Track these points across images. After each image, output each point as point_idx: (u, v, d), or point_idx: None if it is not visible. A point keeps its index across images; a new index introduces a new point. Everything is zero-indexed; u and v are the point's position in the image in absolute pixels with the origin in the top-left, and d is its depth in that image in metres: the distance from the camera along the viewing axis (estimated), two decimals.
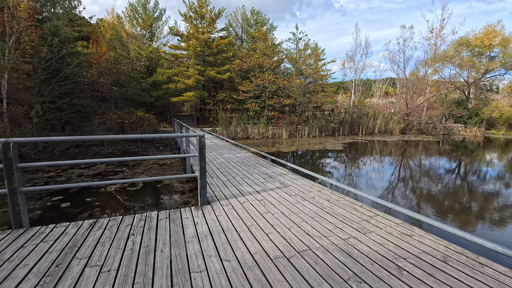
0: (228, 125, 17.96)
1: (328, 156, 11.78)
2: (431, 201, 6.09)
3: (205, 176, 3.57)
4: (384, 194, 6.41)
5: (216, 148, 9.53)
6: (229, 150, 9.16)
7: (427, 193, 6.69)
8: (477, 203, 6.07)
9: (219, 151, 8.90)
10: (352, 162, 10.68)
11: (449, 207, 5.69)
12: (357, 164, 10.28)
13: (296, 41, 27.48)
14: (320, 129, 21.12)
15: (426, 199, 6.24)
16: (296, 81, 19.35)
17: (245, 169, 5.95)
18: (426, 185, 7.48)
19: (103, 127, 17.96)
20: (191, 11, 23.90)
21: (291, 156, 11.49)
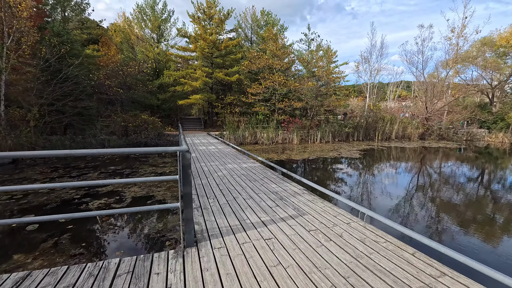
0: (235, 129, 17.00)
1: (346, 165, 10.54)
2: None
3: (190, 205, 2.54)
4: (437, 230, 4.73)
5: (220, 156, 8.52)
6: (234, 158, 8.15)
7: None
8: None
9: (223, 159, 7.89)
10: (377, 175, 9.17)
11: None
12: (384, 179, 8.73)
13: (308, 42, 26.36)
14: (333, 134, 19.87)
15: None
16: (308, 83, 18.22)
17: (250, 185, 4.90)
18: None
19: (107, 130, 17.34)
20: (200, 11, 23.24)
21: (304, 165, 10.36)
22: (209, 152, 9.38)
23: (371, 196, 6.64)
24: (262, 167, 6.75)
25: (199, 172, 6.00)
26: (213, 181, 5.22)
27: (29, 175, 8.30)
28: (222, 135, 17.99)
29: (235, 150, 10.05)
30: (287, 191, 4.52)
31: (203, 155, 8.77)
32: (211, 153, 9.26)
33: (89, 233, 4.30)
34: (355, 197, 6.40)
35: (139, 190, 6.35)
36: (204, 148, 10.67)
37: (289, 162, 10.76)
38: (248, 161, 7.66)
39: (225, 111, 23.31)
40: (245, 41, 27.74)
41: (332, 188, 7.06)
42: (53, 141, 13.28)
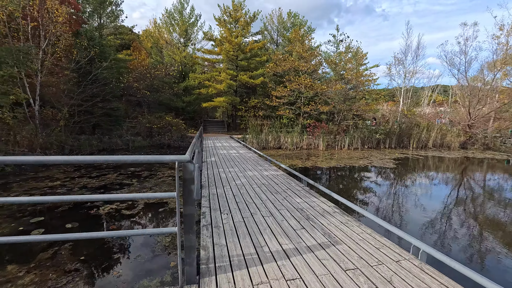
0: (258, 132, 16.46)
1: (380, 177, 9.43)
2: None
3: (192, 230, 1.97)
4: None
5: (241, 162, 7.97)
6: (255, 164, 7.55)
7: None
8: None
9: (243, 165, 7.33)
10: (422, 192, 7.66)
11: None
12: (434, 197, 7.09)
13: (337, 43, 25.24)
14: (362, 141, 18.57)
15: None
16: (336, 86, 17.19)
17: (271, 198, 4.25)
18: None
19: (133, 131, 17.68)
20: (226, 14, 23.22)
21: (331, 175, 9.46)
22: (230, 157, 8.88)
23: (422, 221, 5.21)
24: (285, 176, 6.07)
25: (216, 180, 5.48)
26: (229, 191, 4.65)
27: (52, 174, 8.38)
28: (245, 138, 17.52)
29: (257, 156, 9.46)
30: (315, 208, 3.81)
31: (223, 159, 8.28)
32: (231, 158, 8.75)
33: (90, 245, 3.91)
34: (399, 221, 5.26)
35: None
36: (224, 152, 10.21)
37: (314, 170, 9.92)
38: (270, 168, 7.01)
39: (249, 114, 22.90)
40: (271, 43, 27.27)
41: (369, 207, 6.07)
42: (81, 141, 13.67)
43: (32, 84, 12.56)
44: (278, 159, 12.20)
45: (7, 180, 7.60)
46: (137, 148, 15.66)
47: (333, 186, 7.56)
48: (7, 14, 11.87)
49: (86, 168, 9.54)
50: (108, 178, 7.95)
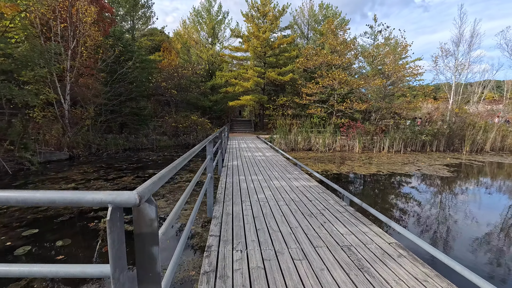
0: (287, 133, 15.27)
1: (438, 190, 7.76)
2: None
3: None
4: None
5: (266, 167, 6.93)
6: (283, 171, 6.45)
7: None
8: None
9: (268, 172, 6.27)
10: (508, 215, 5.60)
11: None
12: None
13: (374, 35, 23.04)
14: (404, 142, 16.46)
15: None
16: (375, 81, 15.36)
17: (304, 225, 3.14)
18: None
19: (159, 130, 17.54)
20: (253, 9, 22.32)
21: (374, 185, 8.00)
22: (254, 161, 7.88)
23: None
24: (320, 188, 4.90)
25: (234, 191, 4.49)
26: (249, 210, 3.62)
27: (71, 175, 8.08)
28: (272, 139, 16.45)
29: (285, 159, 8.34)
30: (368, 246, 2.62)
31: (246, 164, 7.31)
32: (256, 162, 7.74)
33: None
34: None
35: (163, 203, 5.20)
36: (249, 154, 9.24)
37: (352, 178, 8.52)
38: (301, 176, 5.86)
39: (277, 113, 21.78)
40: (301, 38, 25.82)
41: (451, 248, 4.06)
42: (108, 140, 13.65)
43: (63, 84, 12.75)
44: (309, 163, 10.94)
45: (27, 180, 7.40)
46: (162, 148, 15.38)
47: (380, 202, 6.14)
48: (39, 16, 12.12)
49: (107, 168, 9.19)
50: (124, 181, 7.40)
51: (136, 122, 15.71)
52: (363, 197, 6.19)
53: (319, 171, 9.25)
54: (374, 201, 6.08)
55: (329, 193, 4.53)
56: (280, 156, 8.99)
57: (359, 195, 6.45)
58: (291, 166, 7.22)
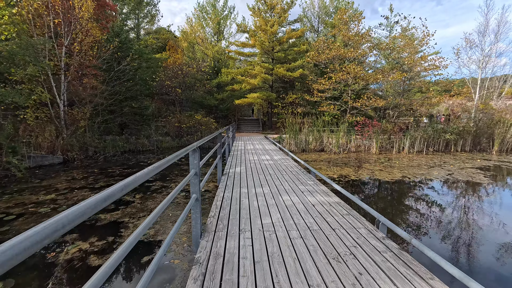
0: (297, 132, 14.13)
1: (488, 204, 6.45)
2: None
3: None
4: None
5: (274, 175, 5.85)
6: (294, 180, 5.37)
7: None
8: None
9: (276, 182, 5.20)
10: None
11: None
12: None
13: (390, 26, 21.53)
14: (426, 142, 15.04)
15: None
16: (395, 75, 13.97)
17: (329, 278, 2.06)
18: None
19: (162, 131, 16.73)
20: (260, 2, 21.18)
21: (401, 195, 6.79)
22: (261, 166, 6.82)
23: None
24: (342, 206, 3.79)
25: (232, 213, 3.45)
26: (248, 247, 2.55)
27: (55, 183, 7.24)
28: (281, 139, 15.35)
29: (296, 164, 7.23)
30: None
31: (250, 170, 6.25)
32: (262, 167, 6.68)
33: None
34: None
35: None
36: (255, 158, 8.18)
37: (374, 187, 7.33)
38: (317, 188, 4.76)
39: (286, 112, 20.62)
40: (311, 31, 24.50)
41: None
42: (107, 141, 12.89)
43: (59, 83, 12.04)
44: (323, 166, 9.78)
45: (4, 189, 6.59)
46: (165, 150, 14.53)
47: (425, 229, 4.83)
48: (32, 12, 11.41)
49: (98, 174, 8.33)
50: None
51: (137, 123, 14.90)
52: (398, 219, 5.02)
53: (335, 176, 8.10)
54: (414, 225, 4.86)
55: (356, 216, 3.41)
56: (290, 160, 7.88)
57: (391, 214, 5.28)
58: (304, 173, 6.11)
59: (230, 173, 5.86)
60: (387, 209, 5.48)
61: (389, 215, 5.12)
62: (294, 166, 6.85)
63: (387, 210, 5.41)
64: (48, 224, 0.61)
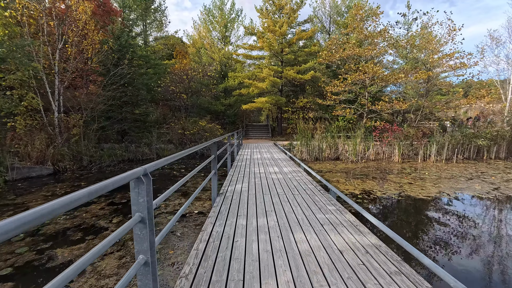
0: (309, 138, 12.85)
1: None
2: None
3: None
4: None
5: (284, 195, 4.64)
6: (309, 204, 4.13)
7: None
8: None
9: (286, 208, 3.98)
10: None
11: None
12: None
13: (408, 24, 20.09)
14: (454, 149, 13.41)
15: None
16: (418, 74, 12.50)
17: None
18: None
19: (165, 138, 15.81)
20: (268, 3, 20.26)
21: (451, 223, 5.38)
22: (267, 182, 5.61)
23: None
24: (386, 254, 2.52)
25: (216, 272, 2.25)
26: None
27: (30, 199, 6.27)
28: (292, 146, 14.11)
29: (310, 178, 5.98)
30: None
31: (254, 189, 5.06)
32: (269, 183, 5.47)
33: None
34: None
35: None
36: (261, 171, 6.98)
37: (411, 209, 5.94)
38: (341, 216, 3.50)
39: (296, 117, 19.39)
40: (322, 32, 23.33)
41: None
42: (104, 150, 12.04)
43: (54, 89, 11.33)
44: (341, 179, 8.45)
45: None
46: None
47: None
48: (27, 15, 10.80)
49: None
50: (85, 214, 5.42)
51: (138, 130, 14.02)
52: (466, 275, 3.66)
53: (357, 192, 6.77)
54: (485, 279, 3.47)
55: (413, 277, 2.14)
56: (303, 173, 6.63)
57: (452, 262, 3.90)
58: (321, 191, 4.85)
59: (227, 193, 4.68)
60: (440, 251, 4.09)
61: (459, 272, 3.76)
62: (308, 182, 5.59)
63: (440, 253, 4.01)
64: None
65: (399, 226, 4.77)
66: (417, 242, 4.07)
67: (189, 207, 5.61)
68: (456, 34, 13.38)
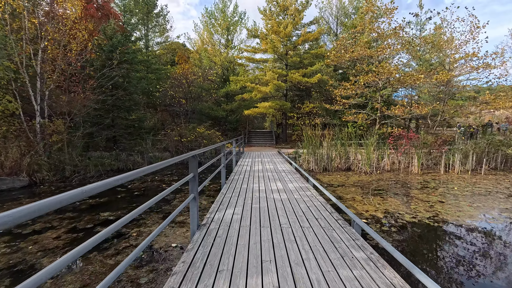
0: (317, 146, 11.59)
1: None
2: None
3: None
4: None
5: (287, 227, 3.39)
6: (322, 241, 2.87)
7: None
8: None
9: (291, 256, 2.74)
10: None
11: None
12: None
13: (421, 24, 18.92)
14: (480, 158, 12.00)
15: None
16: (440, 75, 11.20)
17: None
18: None
19: (160, 145, 14.74)
20: (272, 4, 19.33)
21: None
22: (267, 207, 4.37)
23: None
24: None
25: None
26: None
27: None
28: (298, 155, 12.87)
29: (323, 200, 4.72)
30: None
31: (247, 219, 3.82)
32: (270, 209, 4.22)
33: None
34: None
35: None
36: (262, 188, 5.74)
37: (454, 241, 4.60)
38: (376, 273, 2.24)
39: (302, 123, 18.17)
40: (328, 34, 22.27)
41: None
42: (92, 159, 10.96)
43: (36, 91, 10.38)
44: (357, 195, 7.13)
45: None
46: (153, 172, 12.41)
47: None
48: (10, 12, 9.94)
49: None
50: (29, 247, 4.25)
51: (130, 136, 12.97)
52: None
53: (379, 214, 5.47)
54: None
55: None
56: (312, 191, 5.37)
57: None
58: (339, 222, 3.59)
59: (212, 224, 3.45)
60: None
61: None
62: (320, 206, 4.33)
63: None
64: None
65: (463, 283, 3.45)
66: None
67: (167, 237, 4.39)
68: (480, 32, 12.10)
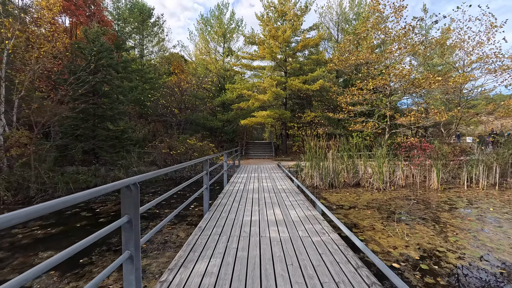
0: (321, 159, 10.22)
1: None
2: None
3: None
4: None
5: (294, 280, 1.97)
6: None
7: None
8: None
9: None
10: None
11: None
12: None
13: (426, 29, 17.99)
14: (502, 170, 10.67)
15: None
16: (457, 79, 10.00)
17: None
18: None
19: (148, 158, 13.40)
20: (269, 9, 18.49)
21: None
22: (259, 254, 2.98)
23: None
24: None
25: None
26: None
27: None
28: (299, 168, 11.51)
29: (338, 238, 3.32)
30: None
31: (227, 283, 2.42)
32: (264, 262, 2.82)
33: None
34: None
35: None
36: (254, 219, 4.35)
37: None
38: None
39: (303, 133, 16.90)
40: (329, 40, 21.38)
41: None
42: (65, 175, 9.57)
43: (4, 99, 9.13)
44: (375, 222, 5.69)
45: None
46: (145, 184, 11.01)
47: None
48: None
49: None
50: None
51: (112, 149, 11.64)
52: None
53: (415, 255, 4.05)
54: None
55: None
56: (323, 224, 3.98)
57: None
58: (371, 285, 2.19)
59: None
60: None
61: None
62: (338, 252, 2.93)
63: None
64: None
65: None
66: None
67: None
68: (497, 31, 11.01)
